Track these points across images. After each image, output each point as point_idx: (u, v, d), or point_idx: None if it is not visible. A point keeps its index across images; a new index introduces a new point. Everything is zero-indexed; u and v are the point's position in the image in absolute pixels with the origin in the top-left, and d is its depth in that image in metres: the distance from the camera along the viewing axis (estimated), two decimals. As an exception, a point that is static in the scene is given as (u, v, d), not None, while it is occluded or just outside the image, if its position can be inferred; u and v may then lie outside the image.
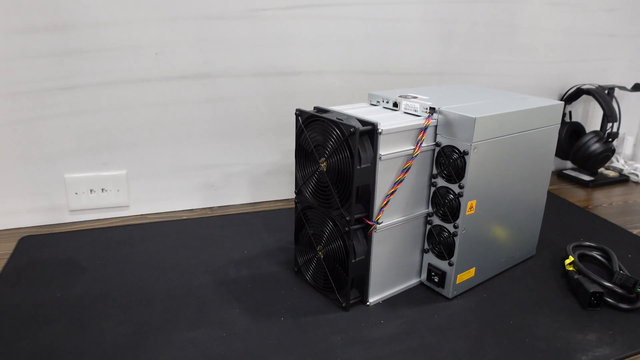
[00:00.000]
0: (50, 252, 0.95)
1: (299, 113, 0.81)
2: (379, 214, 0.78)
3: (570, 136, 1.40)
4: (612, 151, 1.34)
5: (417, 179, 0.82)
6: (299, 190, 0.85)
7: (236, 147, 1.14)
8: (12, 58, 0.96)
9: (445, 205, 0.81)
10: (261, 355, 0.71)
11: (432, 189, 0.83)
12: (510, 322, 0.80)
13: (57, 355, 0.69)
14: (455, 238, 0.81)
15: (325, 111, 0.82)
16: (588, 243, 1.00)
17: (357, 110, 0.85)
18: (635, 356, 0.74)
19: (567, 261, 0.93)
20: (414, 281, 0.88)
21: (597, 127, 1.43)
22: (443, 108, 0.79)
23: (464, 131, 0.77)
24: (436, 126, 0.81)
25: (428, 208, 0.85)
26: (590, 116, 1.50)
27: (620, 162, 1.50)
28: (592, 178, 1.39)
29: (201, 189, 1.14)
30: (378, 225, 0.78)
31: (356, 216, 0.77)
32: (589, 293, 0.83)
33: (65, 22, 0.96)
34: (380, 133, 0.73)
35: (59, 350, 0.70)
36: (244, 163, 1.15)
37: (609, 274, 0.92)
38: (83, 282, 0.86)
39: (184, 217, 1.11)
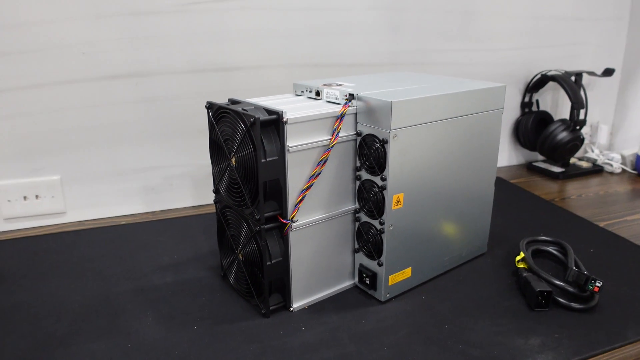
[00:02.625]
0: (-30, 263, 0.88)
1: (209, 106, 0.72)
2: (293, 211, 0.69)
3: (537, 126, 1.30)
4: (581, 140, 1.23)
5: (340, 173, 0.72)
6: (216, 189, 0.77)
7: (175, 148, 1.05)
8: None
9: (369, 200, 0.72)
10: (159, 370, 0.62)
11: (357, 182, 0.74)
12: (446, 326, 0.70)
13: None
14: (382, 235, 0.72)
15: (238, 102, 0.73)
16: (543, 238, 0.90)
17: (276, 100, 0.76)
18: (579, 362, 0.64)
19: (517, 258, 0.83)
20: (346, 284, 0.79)
21: (567, 117, 1.33)
22: (362, 94, 0.70)
23: (382, 118, 0.67)
24: (356, 114, 0.71)
25: (355, 204, 0.75)
26: (560, 105, 1.39)
27: (595, 152, 1.39)
28: (562, 169, 1.29)
29: (141, 192, 1.06)
30: (294, 224, 0.69)
31: (267, 214, 0.68)
32: (536, 292, 0.73)
33: (-18, 21, 0.89)
34: (285, 122, 0.64)
35: None
36: (185, 165, 1.07)
37: (565, 271, 0.81)
38: (-7, 294, 0.78)
39: (123, 223, 1.03)
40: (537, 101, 1.34)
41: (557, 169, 1.29)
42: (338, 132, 0.69)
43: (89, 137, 1.00)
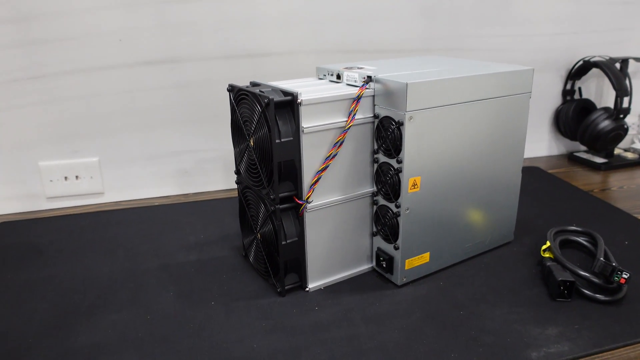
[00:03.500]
0: (18, 237, 0.93)
1: (230, 88, 0.74)
2: (308, 192, 0.69)
3: (579, 114, 1.25)
4: (625, 129, 1.17)
5: (358, 155, 0.72)
6: (237, 170, 0.78)
7: (207, 132, 1.08)
8: (-20, 48, 0.94)
9: (386, 182, 0.71)
10: (174, 339, 0.65)
11: (375, 165, 0.73)
12: (460, 312, 0.69)
13: (-33, 338, 0.66)
14: (398, 219, 0.71)
15: (258, 85, 0.74)
16: (573, 227, 0.87)
17: (296, 83, 0.77)
18: (598, 355, 0.62)
19: (543, 247, 0.81)
20: (364, 267, 0.79)
21: (611, 105, 1.26)
22: (380, 76, 0.69)
23: (398, 100, 0.67)
24: (374, 96, 0.71)
25: (373, 187, 0.75)
26: (604, 93, 1.33)
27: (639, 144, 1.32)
28: (605, 160, 1.23)
29: (175, 175, 1.09)
30: (309, 205, 0.70)
31: (283, 195, 0.69)
32: (558, 282, 0.71)
33: (27, 13, 0.93)
34: (300, 104, 0.65)
35: (-28, 332, 0.67)
36: (217, 149, 1.09)
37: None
38: (34, 266, 0.83)
39: (156, 204, 1.07)
40: (580, 89, 1.29)
41: (599, 160, 1.23)
42: (354, 114, 0.69)
43: (126, 121, 1.04)
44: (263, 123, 0.66)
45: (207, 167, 1.11)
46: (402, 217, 0.70)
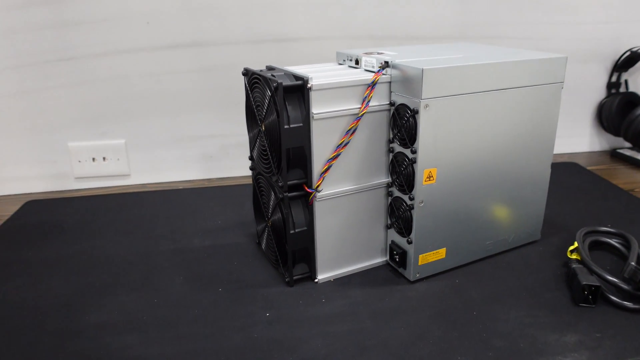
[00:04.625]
0: (44, 215, 0.95)
1: (245, 72, 0.72)
2: (318, 180, 0.67)
3: (624, 108, 1.16)
4: (674, 126, 1.08)
5: (372, 144, 0.69)
6: (251, 156, 0.76)
7: (232, 118, 1.06)
8: (14, 32, 0.96)
9: (401, 173, 0.68)
10: (176, 323, 0.64)
11: (390, 155, 0.70)
12: (474, 313, 0.65)
13: (-18, 310, 0.67)
14: (412, 212, 0.68)
15: (274, 69, 0.72)
16: (606, 228, 0.81)
17: (312, 68, 0.74)
18: (618, 365, 0.57)
19: (570, 248, 0.75)
20: (377, 260, 0.76)
21: (662, 100, 1.18)
22: (397, 61, 0.66)
23: (414, 87, 0.63)
24: (390, 83, 0.67)
25: (388, 178, 0.72)
26: (654, 87, 1.23)
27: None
28: (651, 158, 1.15)
29: (200, 160, 1.09)
30: (319, 194, 0.67)
31: (292, 182, 0.67)
32: (582, 285, 0.66)
33: (58, -8, 0.95)
34: (310, 89, 0.62)
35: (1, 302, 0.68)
36: (241, 134, 1.08)
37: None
38: (56, 244, 0.84)
39: (180, 188, 1.07)
40: (626, 81, 1.20)
41: (644, 157, 1.15)
42: (368, 101, 0.66)
43: (152, 104, 1.04)
44: (272, 108, 0.64)
45: (232, 152, 1.10)
46: (416, 210, 0.67)
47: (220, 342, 0.61)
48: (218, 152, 1.09)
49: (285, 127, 0.63)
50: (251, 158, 0.76)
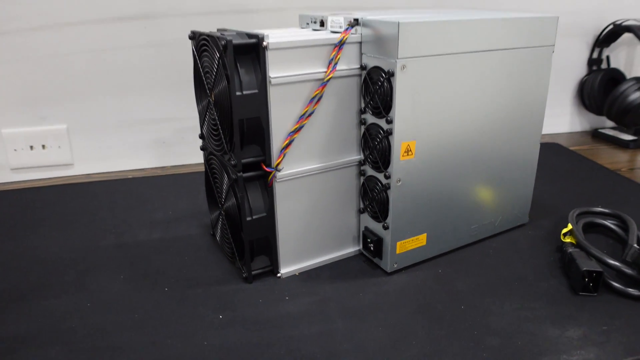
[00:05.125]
0: (-35, 209, 0.82)
1: (192, 35, 0.60)
2: (278, 157, 0.56)
3: (606, 86, 1.09)
4: (660, 102, 1.01)
5: (341, 115, 0.59)
6: (202, 134, 0.65)
7: (187, 98, 0.95)
8: None
9: (374, 148, 0.58)
10: (111, 331, 0.53)
11: (362, 128, 0.60)
12: (462, 307, 0.56)
13: None
14: (388, 192, 0.58)
15: (226, 31, 0.60)
16: (600, 209, 0.72)
17: (273, 31, 0.63)
18: (633, 364, 0.48)
19: (564, 230, 0.66)
20: (349, 250, 0.66)
21: (645, 76, 1.10)
22: (368, 18, 0.55)
23: (389, 45, 0.53)
24: (361, 43, 0.57)
25: (360, 155, 0.61)
26: (637, 63, 1.16)
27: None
28: (634, 138, 1.07)
29: (152, 146, 0.97)
30: (279, 173, 0.56)
31: (247, 160, 0.56)
32: (582, 272, 0.57)
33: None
34: (266, 48, 0.51)
35: None
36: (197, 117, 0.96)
37: (624, 250, 0.64)
38: (-27, 241, 0.72)
39: (130, 177, 0.94)
40: (608, 57, 1.12)
41: (627, 137, 1.08)
42: (335, 64, 0.55)
43: (97, 84, 0.91)
44: (222, 73, 0.53)
45: (188, 137, 0.98)
46: (392, 190, 0.57)
47: (162, 353, 0.49)
48: (172, 136, 0.97)
49: (237, 94, 0.52)
50: (202, 136, 0.65)
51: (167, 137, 0.97)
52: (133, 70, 0.92)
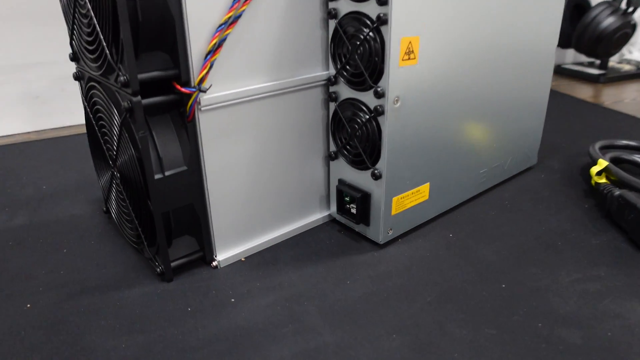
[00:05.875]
0: None
1: None
2: (202, 69, 0.32)
3: (572, 16, 0.93)
4: (633, 27, 0.87)
5: (300, 4, 0.36)
6: (72, 51, 0.39)
7: (64, 33, 0.67)
8: None
9: (355, 52, 0.35)
10: None
11: (332, 23, 0.37)
12: (502, 285, 0.36)
13: None
14: (380, 119, 0.36)
15: None
16: (625, 142, 0.55)
17: None
18: None
19: (594, 169, 0.48)
20: (317, 216, 0.44)
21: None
22: None
23: None
24: None
25: (327, 67, 0.39)
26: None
27: (635, 54, 1.04)
28: (602, 71, 0.93)
29: (20, 102, 0.68)
30: (205, 96, 0.33)
31: (145, 75, 0.31)
32: (652, 218, 0.39)
33: None
34: None
35: None
36: (80, 58, 0.69)
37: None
38: None
39: (-11, 146, 0.66)
40: (570, -19, 0.97)
41: (595, 71, 0.93)
42: None
43: None
44: None
45: (69, 87, 0.70)
46: (388, 115, 0.35)
47: None
48: (47, 89, 0.69)
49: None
50: (74, 57, 0.39)
51: (39, 89, 0.69)
52: (-23, -7, 0.62)
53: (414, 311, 0.33)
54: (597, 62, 0.99)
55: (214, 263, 0.38)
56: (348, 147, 0.39)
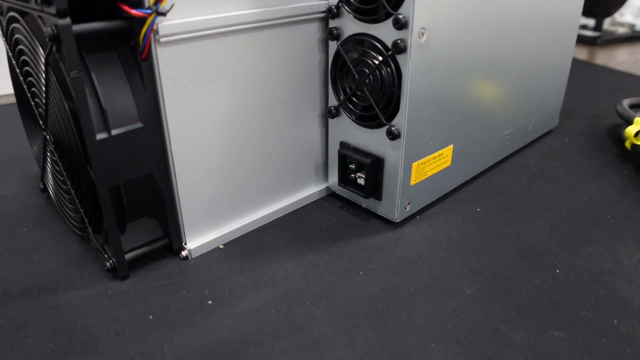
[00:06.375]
0: None
1: None
2: (157, -18, 0.22)
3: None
4: (634, -17, 0.80)
5: None
6: (-19, -26, 0.29)
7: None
8: None
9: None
10: None
11: None
12: (556, 271, 0.27)
13: None
14: (401, 57, 0.27)
15: None
16: (658, 97, 0.47)
17: None
18: None
19: (630, 130, 0.41)
20: (312, 189, 0.34)
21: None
22: None
23: None
24: None
25: (326, -4, 0.29)
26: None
27: (627, 16, 0.97)
28: (598, 33, 0.86)
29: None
30: (164, 22, 0.23)
31: (77, -12, 0.21)
32: None
33: None
34: None
35: None
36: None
37: None
38: None
39: None
40: None
41: (592, 33, 0.86)
42: None
43: None
44: None
45: None
46: (412, 51, 0.26)
47: None
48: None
49: None
50: (-17, -21, 0.29)
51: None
52: None
53: (452, 310, 0.25)
54: (591, 24, 0.92)
55: (184, 253, 0.28)
56: (354, 99, 0.30)
